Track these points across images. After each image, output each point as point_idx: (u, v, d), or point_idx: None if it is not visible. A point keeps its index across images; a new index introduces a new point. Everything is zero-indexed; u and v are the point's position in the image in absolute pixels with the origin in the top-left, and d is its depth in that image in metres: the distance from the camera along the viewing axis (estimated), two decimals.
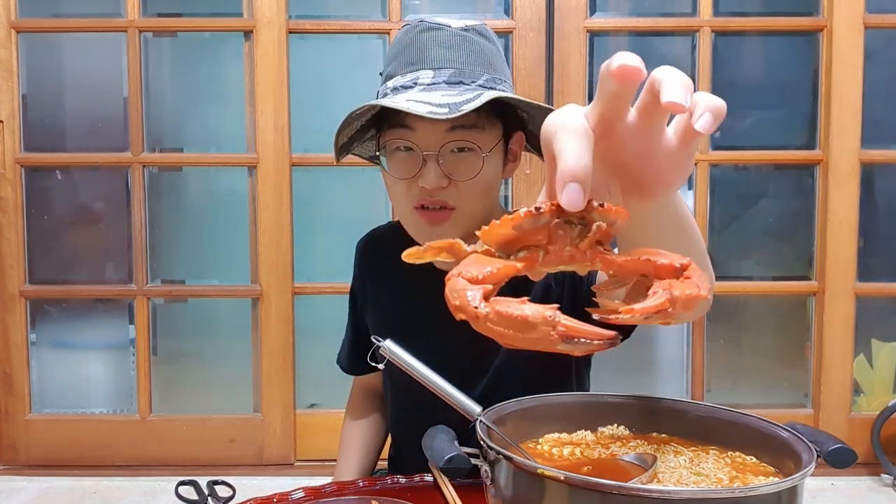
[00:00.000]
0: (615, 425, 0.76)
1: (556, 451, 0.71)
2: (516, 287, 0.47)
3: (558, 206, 0.41)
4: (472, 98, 0.80)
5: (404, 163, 0.88)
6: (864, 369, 2.33)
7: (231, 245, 2.36)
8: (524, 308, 0.38)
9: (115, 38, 2.29)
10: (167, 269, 2.41)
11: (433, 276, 0.41)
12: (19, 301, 2.31)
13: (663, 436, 0.74)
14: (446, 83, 0.85)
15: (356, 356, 1.13)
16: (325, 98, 2.32)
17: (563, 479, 0.55)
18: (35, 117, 2.33)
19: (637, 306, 0.40)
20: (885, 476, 2.21)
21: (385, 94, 0.89)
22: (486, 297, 0.39)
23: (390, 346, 0.79)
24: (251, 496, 0.81)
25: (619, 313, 0.40)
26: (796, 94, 2.35)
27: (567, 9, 2.24)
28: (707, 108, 0.42)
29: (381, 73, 0.93)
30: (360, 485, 0.84)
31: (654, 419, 0.75)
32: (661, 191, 0.49)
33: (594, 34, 2.27)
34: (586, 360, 1.01)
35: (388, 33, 2.25)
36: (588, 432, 0.75)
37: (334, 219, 2.39)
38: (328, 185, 2.37)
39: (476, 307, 0.38)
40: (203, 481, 2.12)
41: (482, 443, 0.63)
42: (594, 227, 0.42)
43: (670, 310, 0.40)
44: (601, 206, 0.43)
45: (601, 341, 0.39)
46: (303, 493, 0.81)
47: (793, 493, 0.56)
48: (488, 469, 0.62)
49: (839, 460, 0.62)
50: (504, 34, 2.24)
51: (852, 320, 2.27)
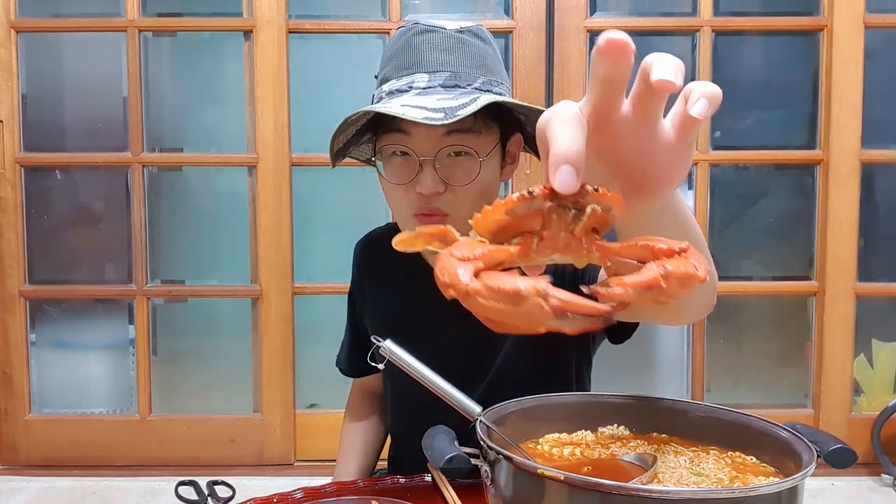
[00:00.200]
0: (615, 425, 0.76)
1: (557, 451, 0.71)
2: None
3: (552, 189, 0.41)
4: (469, 102, 0.80)
5: (400, 168, 0.87)
6: (865, 369, 2.33)
7: (231, 245, 2.36)
8: (516, 280, 0.37)
9: (115, 37, 2.29)
10: (167, 269, 2.40)
11: (432, 278, 0.41)
12: (19, 301, 2.31)
13: (663, 436, 0.74)
14: (442, 87, 0.84)
15: (355, 358, 1.13)
16: (324, 98, 2.32)
17: (563, 479, 0.55)
18: (35, 117, 2.33)
19: (627, 278, 0.40)
20: (885, 476, 2.21)
21: (380, 98, 0.88)
22: (477, 275, 0.38)
23: (390, 346, 0.79)
24: (251, 496, 0.81)
25: (610, 286, 0.39)
26: (796, 94, 2.35)
27: (567, 8, 2.24)
28: (702, 93, 0.42)
29: (375, 76, 0.92)
30: (360, 485, 0.84)
31: (655, 419, 0.75)
32: (661, 188, 0.49)
33: (594, 34, 2.27)
34: (587, 361, 1.01)
35: (388, 33, 2.25)
36: (588, 432, 0.75)
37: (334, 219, 2.39)
38: (328, 185, 2.37)
39: (466, 283, 0.38)
40: (203, 481, 2.12)
41: (482, 443, 0.63)
42: (588, 209, 0.42)
43: (663, 285, 0.39)
44: (595, 190, 0.42)
45: (595, 316, 0.38)
46: (302, 494, 0.81)
47: (793, 493, 0.56)
48: (488, 469, 0.62)
49: (839, 460, 0.62)
50: (504, 34, 2.24)
51: (852, 320, 2.27)
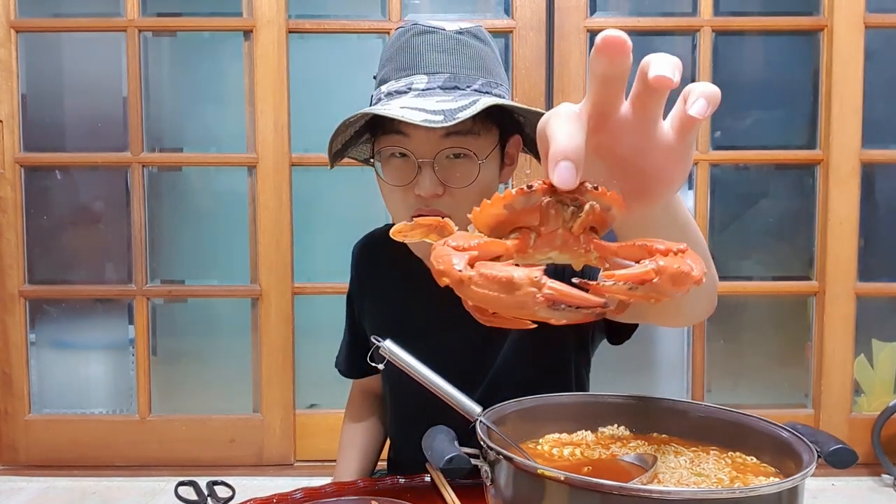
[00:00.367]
0: (615, 425, 0.75)
1: (557, 451, 0.71)
2: None
3: (551, 185, 0.41)
4: (468, 104, 0.79)
5: (399, 170, 0.87)
6: (865, 369, 2.33)
7: (231, 245, 2.36)
8: (510, 269, 0.38)
9: (115, 37, 2.29)
10: (167, 269, 2.40)
11: (431, 279, 0.41)
12: (19, 301, 2.30)
13: (664, 436, 0.74)
14: (441, 88, 0.84)
15: (354, 359, 1.13)
16: (324, 98, 2.32)
17: (563, 479, 0.55)
18: (34, 117, 2.33)
19: (619, 272, 0.39)
20: (885, 476, 2.21)
21: (379, 100, 0.88)
22: (472, 264, 0.38)
23: (390, 347, 0.79)
24: (251, 496, 0.81)
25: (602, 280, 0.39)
26: (797, 94, 2.35)
27: (567, 8, 2.24)
28: (701, 93, 0.42)
29: (374, 77, 0.92)
30: (360, 485, 0.84)
31: (655, 419, 0.75)
32: (662, 190, 0.49)
33: (594, 34, 2.26)
34: (585, 361, 1.01)
35: (388, 33, 2.25)
36: (588, 432, 0.75)
37: (334, 219, 2.39)
38: (328, 185, 2.37)
39: (461, 270, 0.38)
40: (203, 482, 2.10)
41: (482, 443, 0.63)
42: (587, 206, 0.42)
43: (655, 280, 0.39)
44: (595, 188, 0.42)
45: (588, 309, 0.38)
46: (302, 494, 0.80)
47: (793, 493, 0.56)
48: (488, 469, 0.62)
49: (840, 460, 0.62)
50: (504, 34, 2.24)
51: (853, 320, 2.27)
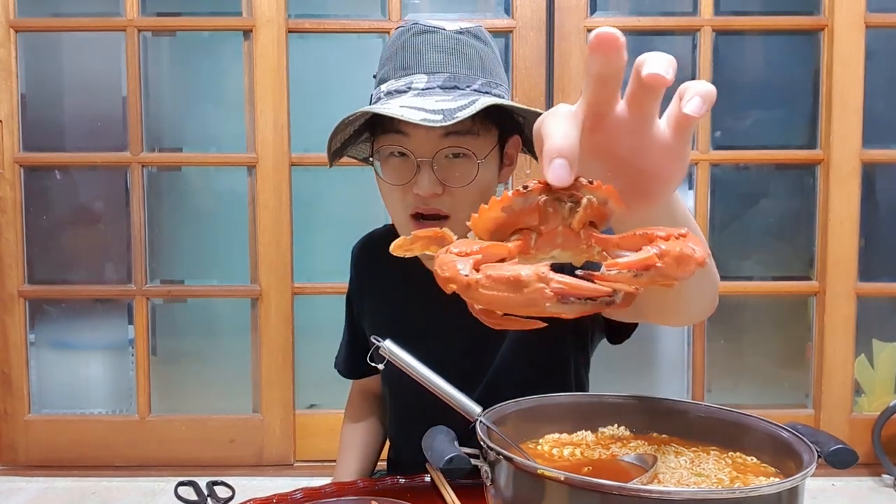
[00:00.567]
0: (615, 425, 0.75)
1: (557, 451, 0.70)
2: None
3: (546, 184, 0.41)
4: (467, 104, 0.79)
5: (398, 169, 0.87)
6: (865, 369, 2.33)
7: (230, 245, 2.36)
8: (517, 268, 0.38)
9: (114, 37, 2.29)
10: (166, 269, 2.40)
11: (430, 280, 0.41)
12: (18, 301, 2.30)
13: (664, 436, 0.74)
14: (441, 88, 0.84)
15: (354, 359, 1.13)
16: (324, 98, 2.32)
17: (563, 479, 0.55)
18: (34, 117, 2.33)
19: (622, 260, 0.40)
20: (885, 476, 2.20)
21: (378, 99, 0.88)
22: (477, 268, 0.39)
23: (390, 347, 0.79)
24: (251, 497, 0.81)
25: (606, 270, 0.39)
26: (797, 94, 2.35)
27: (567, 8, 2.24)
28: (697, 92, 0.42)
29: (374, 76, 0.92)
30: (360, 485, 0.84)
31: (655, 419, 0.75)
32: (661, 188, 0.49)
33: None
34: (585, 361, 1.01)
35: (388, 33, 2.24)
36: (588, 433, 0.74)
37: (334, 219, 2.39)
38: (328, 185, 2.37)
39: (467, 275, 0.38)
40: (202, 482, 2.10)
41: (482, 443, 0.63)
42: (584, 201, 0.42)
43: (659, 264, 0.39)
44: (590, 183, 0.42)
45: (596, 300, 0.39)
46: (302, 494, 0.80)
47: (793, 493, 0.56)
48: (488, 469, 0.62)
49: (840, 461, 0.62)
50: (504, 34, 2.24)
51: (853, 320, 2.27)
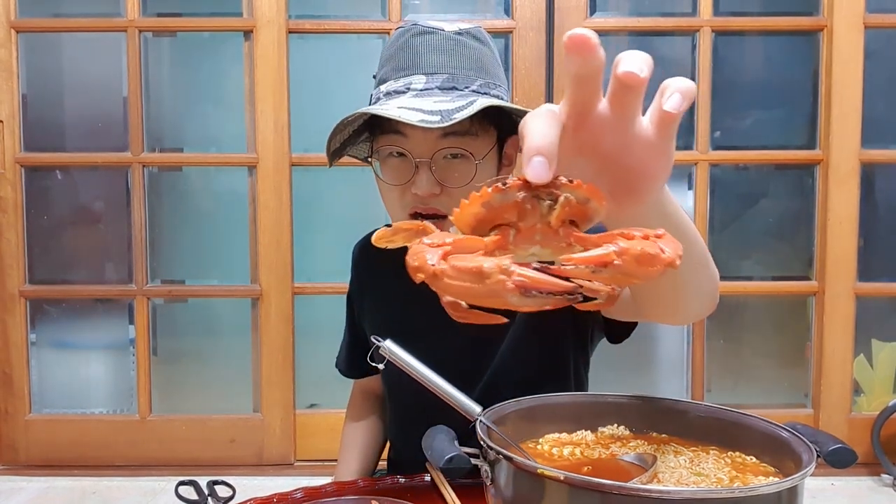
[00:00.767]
0: (615, 425, 0.76)
1: (557, 451, 0.71)
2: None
3: (525, 181, 0.42)
4: (465, 105, 0.80)
5: (397, 169, 0.87)
6: (865, 369, 2.33)
7: (231, 245, 2.36)
8: (480, 259, 0.38)
9: (115, 37, 2.29)
10: (167, 269, 2.40)
11: None
12: (19, 301, 2.31)
13: (663, 436, 0.74)
14: (439, 89, 0.84)
15: (354, 359, 1.13)
16: (324, 98, 2.32)
17: (563, 479, 0.55)
18: (35, 117, 2.33)
19: (577, 255, 0.40)
20: (885, 476, 2.21)
21: (378, 99, 0.88)
22: (445, 258, 0.39)
23: (390, 346, 0.79)
24: (251, 496, 0.81)
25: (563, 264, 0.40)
26: (796, 94, 2.35)
27: (567, 8, 2.24)
28: (676, 88, 0.43)
29: (374, 77, 0.92)
30: (360, 485, 0.84)
31: (655, 419, 0.75)
32: (647, 186, 0.49)
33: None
34: (584, 360, 1.01)
35: (388, 33, 2.25)
36: (588, 432, 0.75)
37: (334, 219, 2.39)
38: (328, 185, 2.37)
39: (433, 265, 0.39)
40: (203, 481, 2.12)
41: (482, 443, 0.63)
42: (561, 198, 0.42)
43: (617, 262, 0.39)
44: (570, 181, 0.43)
45: (559, 294, 0.39)
46: (302, 494, 0.81)
47: (793, 493, 0.56)
48: (488, 469, 0.62)
49: (839, 460, 0.62)
50: (504, 34, 2.24)
51: (852, 320, 2.27)
